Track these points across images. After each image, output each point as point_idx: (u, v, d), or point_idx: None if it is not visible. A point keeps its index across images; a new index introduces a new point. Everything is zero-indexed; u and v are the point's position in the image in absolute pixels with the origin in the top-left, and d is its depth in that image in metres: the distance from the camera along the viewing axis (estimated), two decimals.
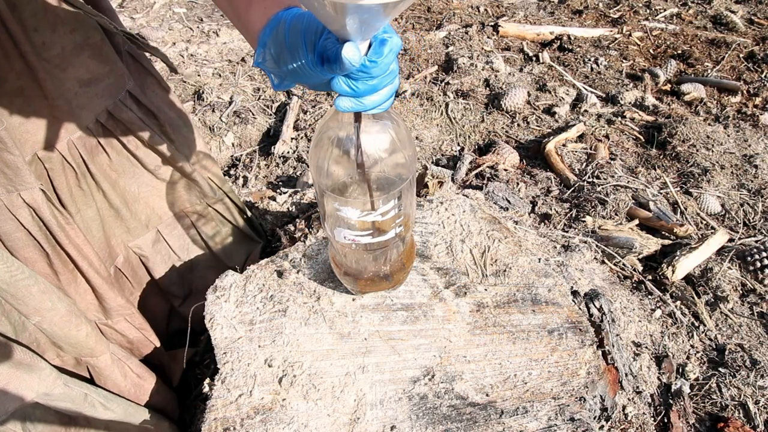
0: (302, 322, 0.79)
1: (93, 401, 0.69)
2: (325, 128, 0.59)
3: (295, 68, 0.47)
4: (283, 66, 0.48)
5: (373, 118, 0.56)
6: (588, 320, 0.82)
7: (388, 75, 0.48)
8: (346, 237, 0.65)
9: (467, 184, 1.55)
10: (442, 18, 2.71)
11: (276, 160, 1.74)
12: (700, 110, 1.97)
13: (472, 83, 2.08)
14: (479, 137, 1.85)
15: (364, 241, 0.66)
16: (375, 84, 0.47)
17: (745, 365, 1.07)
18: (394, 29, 0.53)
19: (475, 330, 0.79)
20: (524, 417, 0.69)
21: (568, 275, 0.93)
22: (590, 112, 1.94)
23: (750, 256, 1.26)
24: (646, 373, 1.04)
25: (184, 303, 1.06)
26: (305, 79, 0.49)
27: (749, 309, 1.20)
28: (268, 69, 0.51)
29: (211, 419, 0.67)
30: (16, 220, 0.67)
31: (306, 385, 0.71)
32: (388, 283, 0.76)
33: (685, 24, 2.66)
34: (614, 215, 1.41)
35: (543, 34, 2.50)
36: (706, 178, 1.57)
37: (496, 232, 0.94)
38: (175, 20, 2.67)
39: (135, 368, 0.83)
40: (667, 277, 1.22)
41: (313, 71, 0.46)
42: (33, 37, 0.69)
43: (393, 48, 0.46)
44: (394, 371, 0.74)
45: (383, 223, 0.64)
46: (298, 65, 0.47)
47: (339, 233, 0.65)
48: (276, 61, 0.49)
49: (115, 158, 0.86)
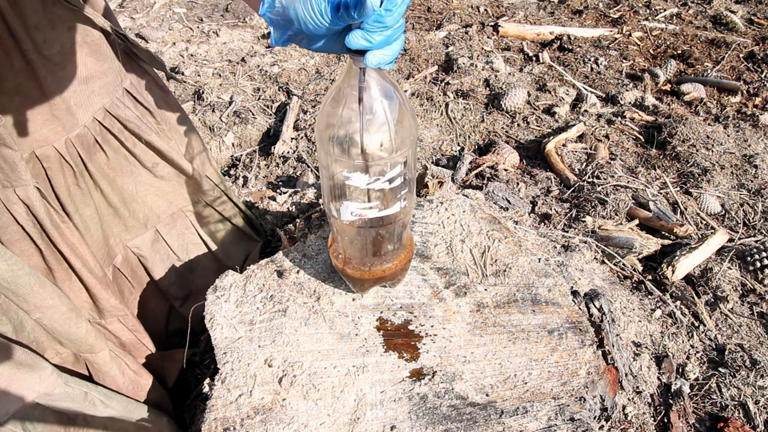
0: (302, 322, 0.79)
1: (93, 399, 0.69)
2: (338, 89, 0.60)
3: (305, 17, 0.47)
4: (291, 13, 0.48)
5: (378, 80, 0.58)
6: (588, 320, 0.82)
7: (399, 27, 0.49)
8: (353, 212, 0.66)
9: (467, 184, 1.55)
10: (442, 18, 2.71)
11: (276, 160, 1.74)
12: (700, 110, 1.97)
13: (472, 83, 2.08)
14: (479, 137, 1.85)
15: (371, 215, 0.66)
16: (389, 35, 0.48)
17: (745, 365, 1.07)
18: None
19: (475, 330, 0.79)
20: (524, 417, 0.69)
21: (568, 275, 0.93)
22: (590, 112, 1.94)
23: (750, 256, 1.26)
24: (646, 373, 1.04)
25: (184, 303, 1.06)
26: (311, 30, 0.48)
27: (749, 309, 1.20)
28: (272, 18, 0.50)
29: (211, 419, 0.67)
30: (11, 215, 0.67)
31: (306, 385, 0.71)
32: (389, 266, 0.76)
33: (685, 24, 2.66)
34: (614, 215, 1.41)
35: (543, 34, 2.50)
36: (706, 178, 1.57)
37: (496, 232, 0.94)
38: (175, 20, 2.67)
39: (131, 365, 0.83)
40: (667, 277, 1.22)
41: (324, 20, 0.46)
42: (34, 35, 0.69)
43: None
44: (394, 371, 0.74)
45: (389, 195, 0.65)
46: (309, 12, 0.46)
47: (345, 209, 0.66)
48: (284, 9, 0.48)
49: (112, 156, 0.86)
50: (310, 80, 2.15)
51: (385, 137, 0.60)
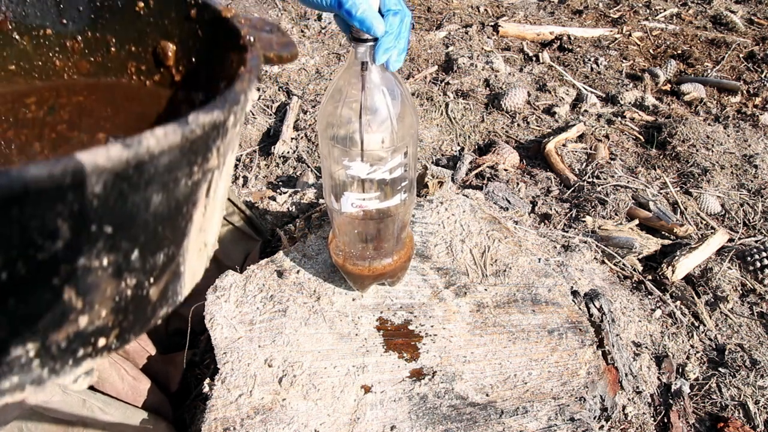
0: (302, 322, 0.79)
1: (92, 406, 0.69)
2: (343, 77, 0.61)
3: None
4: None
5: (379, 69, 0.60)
6: (588, 320, 0.82)
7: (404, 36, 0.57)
8: (354, 203, 0.66)
9: (467, 184, 1.55)
10: (442, 18, 2.71)
11: (276, 160, 1.74)
12: (700, 110, 1.97)
13: (472, 83, 2.08)
14: (479, 137, 1.85)
15: (372, 206, 0.67)
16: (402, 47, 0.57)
17: (745, 365, 1.07)
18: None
19: (475, 330, 0.79)
20: (524, 417, 0.69)
21: (568, 275, 0.93)
22: (590, 112, 1.94)
23: (750, 256, 1.26)
24: (646, 373, 1.04)
25: (184, 303, 1.06)
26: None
27: (749, 309, 1.20)
28: None
29: (211, 419, 0.67)
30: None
31: (306, 385, 0.71)
32: (390, 263, 0.76)
33: (685, 24, 2.66)
34: (614, 215, 1.41)
35: (543, 34, 2.50)
36: (706, 178, 1.57)
37: (496, 232, 0.94)
38: None
39: (130, 371, 0.83)
40: (667, 277, 1.22)
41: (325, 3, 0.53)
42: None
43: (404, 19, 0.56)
44: (394, 371, 0.74)
45: (389, 186, 0.66)
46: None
47: (346, 200, 0.66)
48: None
49: None
50: (310, 80, 2.15)
51: (386, 125, 0.61)
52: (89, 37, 0.41)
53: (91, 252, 0.21)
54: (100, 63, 0.42)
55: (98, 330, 0.24)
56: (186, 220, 0.27)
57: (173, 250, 0.28)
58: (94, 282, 0.22)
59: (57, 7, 0.40)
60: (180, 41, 0.40)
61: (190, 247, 0.30)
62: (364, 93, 0.59)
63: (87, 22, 0.41)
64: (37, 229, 0.19)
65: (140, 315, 0.27)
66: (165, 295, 0.30)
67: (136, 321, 0.27)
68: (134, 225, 0.23)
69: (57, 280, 0.21)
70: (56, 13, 0.40)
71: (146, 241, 0.24)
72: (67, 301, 0.22)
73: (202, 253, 0.34)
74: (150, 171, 0.22)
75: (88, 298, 0.23)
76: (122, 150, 0.20)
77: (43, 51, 0.42)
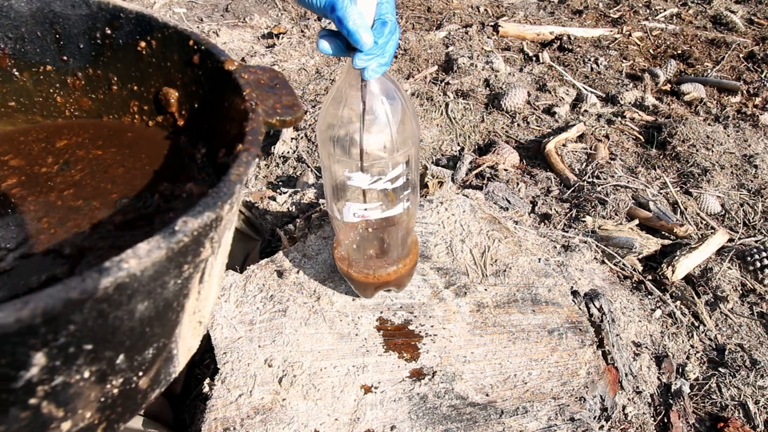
0: (302, 322, 0.79)
1: None
2: (340, 88, 0.61)
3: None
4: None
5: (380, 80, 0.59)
6: (588, 320, 0.82)
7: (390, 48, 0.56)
8: (356, 213, 0.65)
9: (467, 184, 1.55)
10: (442, 18, 2.71)
11: (276, 160, 1.74)
12: (700, 110, 1.97)
13: (472, 83, 2.08)
14: (479, 137, 1.85)
15: (374, 216, 0.66)
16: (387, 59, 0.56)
17: (745, 365, 1.07)
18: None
19: (475, 330, 0.79)
20: (524, 417, 0.69)
21: (568, 275, 0.93)
22: (590, 112, 1.94)
23: (750, 256, 1.26)
24: (646, 373, 1.03)
25: None
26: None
27: (749, 309, 1.20)
28: None
29: (211, 419, 0.67)
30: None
31: (306, 385, 0.71)
32: (395, 270, 0.75)
33: (685, 24, 2.66)
34: (614, 215, 1.41)
35: (543, 34, 2.50)
36: (706, 178, 1.57)
37: (496, 232, 0.94)
38: (175, 20, 2.67)
39: None
40: (667, 277, 1.22)
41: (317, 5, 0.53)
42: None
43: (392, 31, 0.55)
44: (394, 371, 0.74)
45: (392, 194, 0.65)
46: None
47: (348, 210, 0.66)
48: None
49: None
50: (310, 80, 2.15)
51: (386, 136, 0.60)
52: (90, 74, 0.41)
53: (70, 370, 0.21)
54: (102, 100, 0.42)
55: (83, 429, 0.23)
56: (177, 312, 0.26)
57: (164, 342, 0.27)
58: (75, 392, 0.22)
59: (57, 44, 0.40)
60: (182, 85, 0.40)
61: (183, 332, 0.29)
62: (364, 103, 0.58)
63: (88, 59, 0.40)
64: (8, 364, 0.18)
65: (130, 405, 0.27)
66: (156, 380, 0.29)
67: (125, 411, 0.26)
68: (117, 335, 0.22)
69: (34, 400, 0.20)
70: (56, 50, 0.40)
71: (132, 345, 0.23)
72: (47, 414, 0.21)
73: (197, 330, 0.34)
74: (133, 287, 0.21)
75: (69, 407, 0.22)
76: (99, 279, 0.19)
77: (44, 87, 0.41)
